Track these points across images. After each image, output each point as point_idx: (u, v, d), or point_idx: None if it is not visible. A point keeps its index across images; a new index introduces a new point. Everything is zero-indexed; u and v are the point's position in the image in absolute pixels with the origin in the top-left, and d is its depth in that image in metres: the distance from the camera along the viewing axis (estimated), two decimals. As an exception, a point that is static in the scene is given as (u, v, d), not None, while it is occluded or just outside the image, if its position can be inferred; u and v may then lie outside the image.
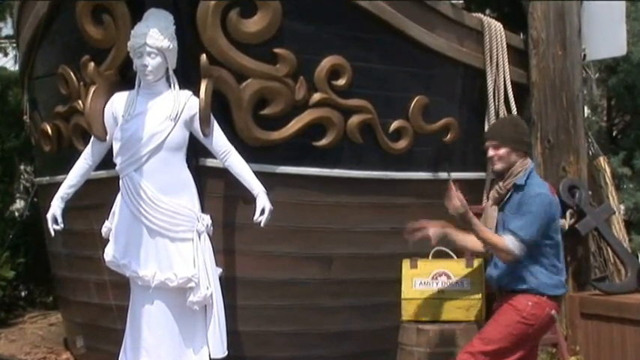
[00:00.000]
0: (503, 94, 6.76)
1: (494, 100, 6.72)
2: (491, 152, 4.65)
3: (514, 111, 6.77)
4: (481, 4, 8.81)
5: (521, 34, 7.41)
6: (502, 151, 4.61)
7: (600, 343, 6.40)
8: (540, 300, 4.63)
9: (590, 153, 7.56)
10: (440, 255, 5.74)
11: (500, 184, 4.67)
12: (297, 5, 5.66)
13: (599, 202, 7.31)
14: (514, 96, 6.80)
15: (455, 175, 5.77)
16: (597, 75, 10.37)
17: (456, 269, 5.72)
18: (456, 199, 4.51)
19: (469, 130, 6.56)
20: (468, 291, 5.65)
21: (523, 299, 4.63)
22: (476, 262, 5.68)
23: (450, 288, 5.68)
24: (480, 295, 5.62)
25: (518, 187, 4.61)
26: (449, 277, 5.69)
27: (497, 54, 6.73)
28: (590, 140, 7.67)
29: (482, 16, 6.93)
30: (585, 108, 8.79)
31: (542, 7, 7.06)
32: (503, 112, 6.75)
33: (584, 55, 7.35)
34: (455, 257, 5.81)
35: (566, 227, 6.81)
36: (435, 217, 4.80)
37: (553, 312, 4.67)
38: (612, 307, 6.35)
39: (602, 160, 7.63)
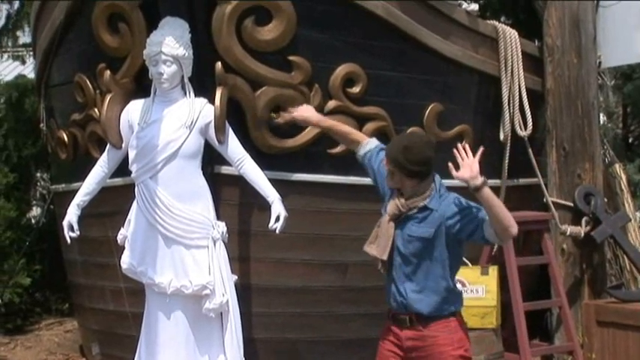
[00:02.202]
0: (518, 101, 6.74)
1: (509, 108, 6.70)
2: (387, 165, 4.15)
3: (529, 118, 6.75)
4: (496, 11, 8.80)
5: (536, 42, 7.40)
6: (389, 167, 4.11)
7: (616, 351, 6.37)
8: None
9: (606, 160, 7.54)
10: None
11: (403, 201, 4.11)
12: (312, 13, 5.67)
13: (615, 209, 7.27)
14: (529, 103, 6.78)
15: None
16: (613, 82, 10.35)
17: (470, 276, 5.71)
18: (473, 167, 3.98)
19: (484, 137, 6.54)
20: (483, 298, 5.63)
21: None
22: (491, 270, 5.67)
23: (465, 295, 5.64)
24: (495, 303, 5.60)
25: (427, 209, 4.10)
26: (463, 285, 5.67)
27: (512, 61, 6.71)
28: (605, 147, 7.65)
29: (497, 23, 6.92)
30: (601, 115, 8.77)
31: (557, 15, 7.03)
32: (518, 119, 6.73)
33: (600, 62, 7.33)
34: (469, 264, 5.79)
35: (582, 235, 6.79)
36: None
37: None
38: (628, 314, 6.32)
39: (618, 167, 7.60)
